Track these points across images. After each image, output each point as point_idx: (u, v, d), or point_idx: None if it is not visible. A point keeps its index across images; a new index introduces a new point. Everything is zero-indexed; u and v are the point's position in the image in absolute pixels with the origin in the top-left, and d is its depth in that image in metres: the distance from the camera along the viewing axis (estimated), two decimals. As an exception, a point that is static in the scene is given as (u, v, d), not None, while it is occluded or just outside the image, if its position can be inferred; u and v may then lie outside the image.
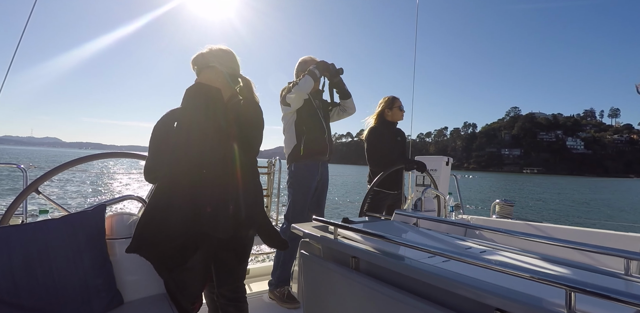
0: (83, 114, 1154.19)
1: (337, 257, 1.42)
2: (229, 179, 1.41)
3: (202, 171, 1.36)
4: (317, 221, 1.57)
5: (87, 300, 1.31)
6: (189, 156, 1.34)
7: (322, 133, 2.56)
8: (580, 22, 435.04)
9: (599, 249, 1.11)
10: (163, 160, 1.36)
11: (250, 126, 1.51)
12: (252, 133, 1.50)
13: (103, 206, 1.49)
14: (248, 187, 1.46)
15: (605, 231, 1.99)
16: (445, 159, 3.81)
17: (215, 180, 1.38)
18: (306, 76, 2.39)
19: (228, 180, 1.41)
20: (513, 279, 0.85)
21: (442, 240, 1.55)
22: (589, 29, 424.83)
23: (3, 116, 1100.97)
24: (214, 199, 1.37)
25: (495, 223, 2.59)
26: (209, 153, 1.38)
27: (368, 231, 1.26)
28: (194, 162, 1.35)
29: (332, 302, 1.38)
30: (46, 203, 1.66)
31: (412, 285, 1.08)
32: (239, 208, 1.41)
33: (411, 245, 1.10)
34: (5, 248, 1.20)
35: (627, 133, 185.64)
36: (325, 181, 2.64)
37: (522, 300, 0.78)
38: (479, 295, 0.86)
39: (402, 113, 3.08)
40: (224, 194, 1.39)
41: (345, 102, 2.71)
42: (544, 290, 0.80)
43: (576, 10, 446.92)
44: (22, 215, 2.22)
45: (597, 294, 0.68)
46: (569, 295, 0.74)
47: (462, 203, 3.29)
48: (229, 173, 1.41)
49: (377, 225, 1.77)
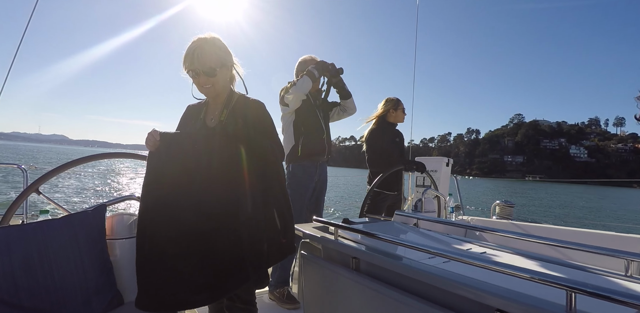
0: (90, 112, 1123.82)
1: (338, 258, 1.42)
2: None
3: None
4: (317, 222, 1.57)
5: (87, 300, 1.31)
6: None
7: (321, 133, 2.55)
8: (590, 27, 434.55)
9: (599, 250, 1.11)
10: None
11: (258, 124, 1.44)
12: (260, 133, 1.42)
13: (103, 206, 1.50)
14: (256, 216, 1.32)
15: (606, 232, 1.99)
16: (445, 160, 3.81)
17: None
18: (304, 77, 2.38)
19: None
20: (513, 280, 0.85)
21: (443, 240, 1.55)
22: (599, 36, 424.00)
23: (12, 113, 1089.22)
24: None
25: (495, 224, 2.59)
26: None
27: (368, 232, 1.26)
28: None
29: (333, 302, 1.38)
30: (47, 203, 1.66)
31: (413, 286, 1.08)
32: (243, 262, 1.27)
33: (411, 246, 1.10)
34: (5, 248, 1.20)
35: (632, 142, 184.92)
36: (324, 182, 2.64)
37: (523, 301, 0.78)
38: (480, 295, 0.86)
39: (404, 115, 3.11)
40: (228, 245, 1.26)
41: (346, 103, 2.70)
42: (545, 290, 0.80)
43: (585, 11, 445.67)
44: (22, 215, 2.22)
45: (598, 295, 0.68)
46: (569, 296, 0.74)
47: (462, 204, 3.29)
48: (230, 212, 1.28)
49: (377, 225, 1.77)
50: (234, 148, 1.31)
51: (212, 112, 1.52)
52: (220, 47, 1.43)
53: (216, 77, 1.41)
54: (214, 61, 1.38)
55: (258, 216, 1.33)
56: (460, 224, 1.78)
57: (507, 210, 3.06)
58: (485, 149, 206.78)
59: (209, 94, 1.48)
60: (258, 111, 1.50)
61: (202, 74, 1.38)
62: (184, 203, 1.26)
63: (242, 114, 1.46)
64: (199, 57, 1.36)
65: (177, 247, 1.23)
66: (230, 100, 1.49)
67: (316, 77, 2.45)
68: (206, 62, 1.37)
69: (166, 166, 1.29)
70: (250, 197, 1.31)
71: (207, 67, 1.37)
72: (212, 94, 1.47)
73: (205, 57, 1.37)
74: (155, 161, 1.30)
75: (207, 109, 1.53)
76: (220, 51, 1.42)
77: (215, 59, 1.39)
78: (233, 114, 1.46)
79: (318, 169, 2.55)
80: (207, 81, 1.40)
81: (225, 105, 1.48)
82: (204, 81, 1.40)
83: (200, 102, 1.59)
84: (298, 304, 2.31)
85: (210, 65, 1.38)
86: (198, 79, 1.40)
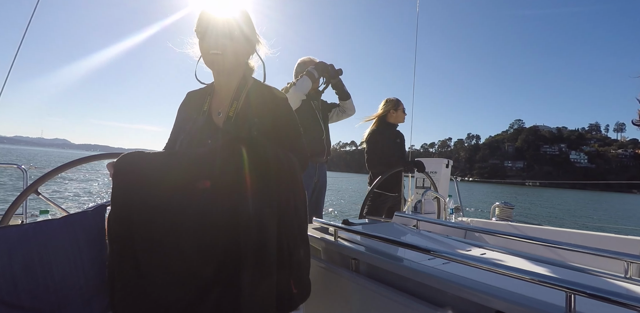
0: (92, 116, 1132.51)
1: (338, 259, 1.42)
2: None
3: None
4: (317, 223, 1.57)
5: (87, 300, 1.31)
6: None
7: (320, 134, 2.55)
8: (592, 33, 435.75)
9: (598, 252, 1.11)
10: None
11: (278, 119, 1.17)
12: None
13: (103, 206, 1.49)
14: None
15: (605, 234, 1.99)
16: (445, 161, 3.81)
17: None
18: (304, 77, 2.38)
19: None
20: (513, 281, 0.85)
21: (442, 242, 1.55)
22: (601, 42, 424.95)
23: (14, 117, 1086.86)
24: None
25: (495, 226, 2.59)
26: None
27: (368, 233, 1.26)
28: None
29: (332, 303, 1.38)
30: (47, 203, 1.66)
31: (412, 287, 1.08)
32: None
33: (411, 247, 1.10)
34: (5, 248, 1.20)
35: (632, 147, 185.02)
36: (323, 183, 2.64)
37: (522, 302, 0.78)
38: (479, 297, 0.86)
39: (404, 116, 3.11)
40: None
41: (345, 104, 2.70)
42: (544, 292, 0.80)
43: (587, 17, 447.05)
44: (22, 215, 2.22)
45: (597, 297, 0.69)
46: (569, 298, 0.74)
47: (462, 206, 3.29)
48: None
49: (377, 227, 1.77)
50: (246, 167, 0.94)
51: (218, 102, 1.20)
52: (246, 17, 1.15)
53: (232, 41, 1.10)
54: (234, 25, 1.10)
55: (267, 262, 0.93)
56: (459, 226, 1.78)
57: (507, 211, 3.06)
58: (485, 154, 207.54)
59: (216, 66, 1.14)
60: (280, 109, 1.20)
61: (215, 33, 1.07)
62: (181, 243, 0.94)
63: (257, 110, 1.16)
64: (216, 15, 1.08)
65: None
66: (243, 88, 1.18)
67: (316, 77, 2.45)
68: (224, 21, 1.08)
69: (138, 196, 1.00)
70: (256, 242, 0.91)
71: (224, 26, 1.08)
72: (219, 66, 1.13)
73: (225, 16, 1.09)
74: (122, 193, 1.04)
75: (212, 98, 1.22)
76: (246, 19, 1.14)
77: (235, 24, 1.10)
78: (246, 109, 1.16)
79: (317, 170, 2.56)
80: (218, 43, 1.08)
81: (235, 95, 1.17)
82: (214, 43, 1.08)
83: (203, 88, 1.28)
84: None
85: (229, 26, 1.08)
86: (207, 39, 1.09)
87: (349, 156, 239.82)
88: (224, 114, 1.17)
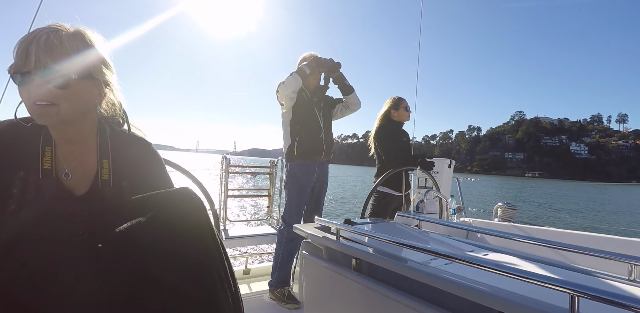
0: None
1: (339, 258, 1.42)
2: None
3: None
4: (319, 222, 1.57)
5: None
6: None
7: (318, 132, 2.49)
8: (594, 23, 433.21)
9: (602, 254, 1.11)
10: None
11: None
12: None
13: None
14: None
15: (609, 236, 1.98)
16: (447, 161, 3.80)
17: None
18: (293, 74, 2.34)
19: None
20: (515, 282, 0.85)
21: (444, 242, 1.55)
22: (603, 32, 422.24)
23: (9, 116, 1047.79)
24: None
25: (497, 226, 2.58)
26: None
27: (370, 233, 1.26)
28: None
29: (333, 303, 1.38)
30: None
31: (414, 287, 1.08)
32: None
33: (413, 247, 1.10)
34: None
35: (634, 139, 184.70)
36: (324, 182, 2.62)
37: (525, 304, 0.78)
38: (481, 298, 0.86)
39: (408, 114, 3.10)
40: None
41: (348, 98, 2.60)
42: (547, 293, 0.80)
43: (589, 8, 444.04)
44: None
45: (601, 299, 0.68)
46: (572, 300, 0.73)
47: (464, 206, 3.28)
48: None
49: (379, 226, 1.77)
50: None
51: (66, 158, 0.88)
52: (95, 43, 0.85)
53: (67, 90, 0.79)
54: (75, 62, 0.79)
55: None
56: (462, 226, 1.77)
57: (509, 212, 3.05)
58: (486, 146, 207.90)
59: (45, 120, 0.80)
60: (146, 159, 0.97)
61: (44, 77, 0.76)
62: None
63: (126, 166, 0.92)
64: (51, 47, 0.76)
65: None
66: (105, 141, 0.92)
67: (307, 73, 2.38)
68: (59, 57, 0.77)
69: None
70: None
71: (59, 69, 0.77)
72: (51, 120, 0.80)
73: (63, 49, 0.77)
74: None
75: (54, 152, 0.87)
76: (93, 47, 0.84)
77: (78, 60, 0.80)
78: (116, 168, 0.91)
79: (317, 169, 2.53)
80: (49, 93, 0.77)
81: (102, 150, 0.90)
82: (42, 94, 0.77)
83: (26, 130, 0.85)
84: (299, 304, 2.32)
85: (66, 67, 0.78)
86: (30, 85, 0.76)
87: (350, 148, 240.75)
88: (88, 176, 0.89)
